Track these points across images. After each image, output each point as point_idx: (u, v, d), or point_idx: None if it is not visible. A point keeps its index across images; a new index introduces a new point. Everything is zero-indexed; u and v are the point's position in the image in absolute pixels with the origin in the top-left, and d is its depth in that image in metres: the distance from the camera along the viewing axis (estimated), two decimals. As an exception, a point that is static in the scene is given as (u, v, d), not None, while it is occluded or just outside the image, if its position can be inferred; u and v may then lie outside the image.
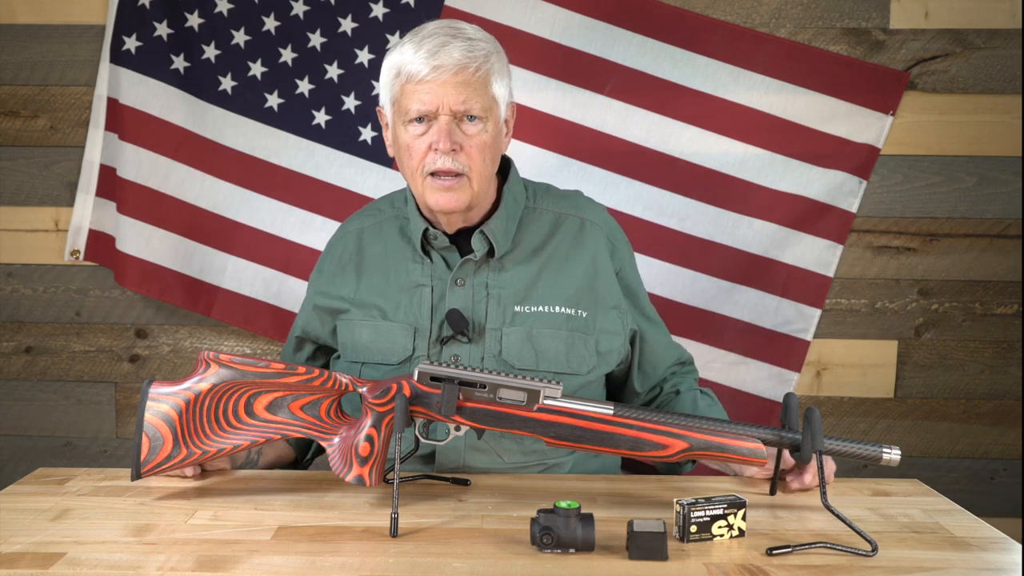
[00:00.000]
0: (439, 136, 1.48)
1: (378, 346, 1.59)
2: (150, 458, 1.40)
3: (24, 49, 2.34)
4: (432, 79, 1.47)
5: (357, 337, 1.61)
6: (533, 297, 1.58)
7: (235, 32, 2.27)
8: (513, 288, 1.58)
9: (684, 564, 1.20)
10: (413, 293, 1.59)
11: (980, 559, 1.24)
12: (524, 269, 1.60)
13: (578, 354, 1.58)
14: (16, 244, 2.40)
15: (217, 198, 2.30)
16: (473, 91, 1.49)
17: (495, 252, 1.58)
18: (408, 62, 1.49)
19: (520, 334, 1.56)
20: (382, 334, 1.59)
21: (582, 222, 1.65)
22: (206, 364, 1.40)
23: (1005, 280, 2.32)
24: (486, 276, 1.58)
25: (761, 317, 2.29)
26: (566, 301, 1.59)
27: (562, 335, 1.57)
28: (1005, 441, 2.35)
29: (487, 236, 1.57)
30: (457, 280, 1.58)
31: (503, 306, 1.57)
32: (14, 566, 1.18)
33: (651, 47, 2.25)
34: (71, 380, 2.43)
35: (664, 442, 1.36)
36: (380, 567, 1.19)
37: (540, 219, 1.64)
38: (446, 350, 1.57)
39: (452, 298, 1.57)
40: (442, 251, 1.59)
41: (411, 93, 1.49)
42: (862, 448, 1.37)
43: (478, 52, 1.50)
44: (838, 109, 2.24)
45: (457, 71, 1.48)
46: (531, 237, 1.62)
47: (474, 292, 1.58)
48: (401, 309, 1.59)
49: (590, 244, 1.63)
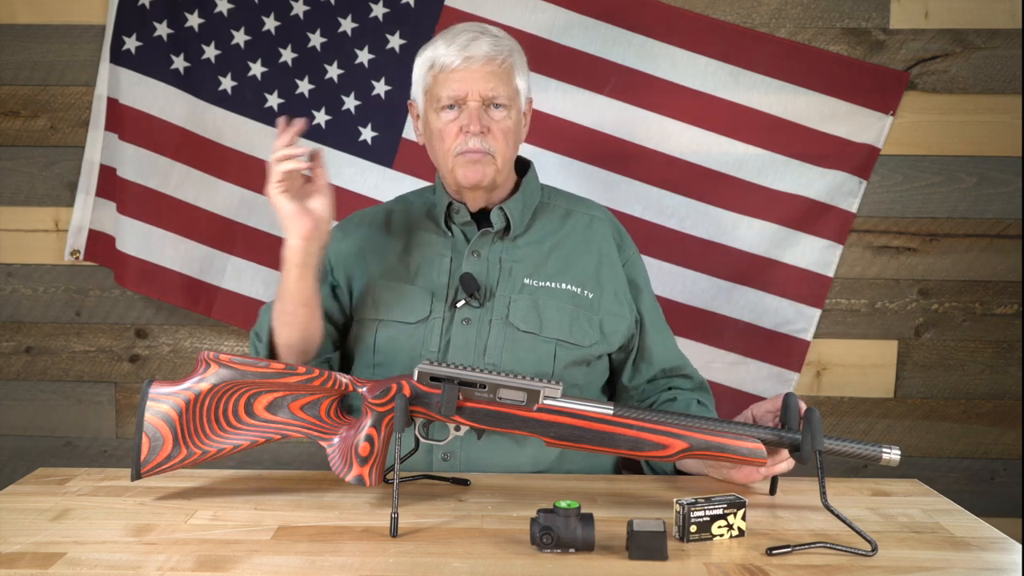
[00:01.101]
0: (470, 119, 1.62)
1: (398, 305, 1.67)
2: (150, 458, 1.40)
3: (24, 49, 2.34)
4: (463, 68, 1.61)
5: (379, 296, 1.69)
6: (542, 273, 1.69)
7: (235, 32, 2.27)
8: (524, 264, 1.69)
9: (684, 564, 1.20)
10: (433, 260, 1.70)
11: (980, 559, 1.24)
12: (535, 250, 1.71)
13: (580, 327, 1.66)
14: (16, 244, 2.40)
15: (217, 198, 2.30)
16: (499, 80, 1.63)
17: (511, 231, 1.70)
18: (441, 55, 1.63)
19: (527, 301, 1.66)
20: (402, 295, 1.68)
21: (591, 218, 1.77)
22: (206, 364, 1.41)
23: (1005, 280, 2.32)
24: (500, 250, 1.70)
25: (761, 317, 2.29)
26: (573, 281, 1.69)
27: (567, 308, 1.66)
28: (1005, 441, 2.35)
29: (505, 213, 1.69)
30: (474, 252, 1.69)
31: (514, 277, 1.68)
32: (14, 566, 1.18)
33: (651, 47, 2.25)
34: (71, 380, 2.43)
35: (664, 442, 1.36)
36: (380, 567, 1.19)
37: (552, 212, 1.77)
38: (458, 313, 1.65)
39: (468, 266, 1.68)
40: (463, 226, 1.71)
41: (444, 82, 1.63)
42: (862, 448, 1.37)
43: (503, 47, 1.65)
44: (838, 109, 2.24)
45: (486, 62, 1.62)
46: (544, 226, 1.75)
47: (488, 264, 1.69)
48: (421, 274, 1.69)
49: (598, 236, 1.75)
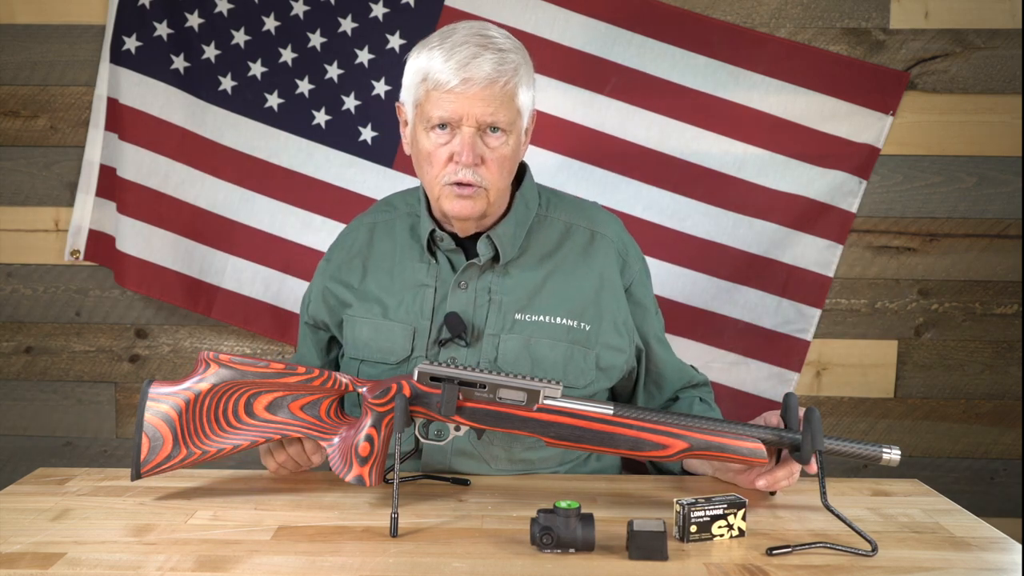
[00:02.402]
0: (462, 148, 1.47)
1: (377, 344, 1.58)
2: (150, 458, 1.40)
3: (24, 49, 2.34)
4: (460, 91, 1.45)
5: (357, 334, 1.60)
6: (535, 306, 1.57)
7: (235, 32, 2.27)
8: (515, 295, 1.57)
9: (684, 564, 1.20)
10: (416, 292, 1.59)
11: (980, 559, 1.24)
12: (529, 276, 1.58)
13: (576, 367, 1.56)
14: (16, 244, 2.40)
15: (217, 198, 2.30)
16: (499, 104, 1.46)
17: (500, 258, 1.57)
18: (437, 69, 1.46)
19: (518, 341, 1.55)
20: (382, 333, 1.58)
21: (592, 234, 1.63)
22: (206, 364, 1.41)
23: (1005, 280, 2.32)
24: (489, 281, 1.57)
25: (761, 317, 2.29)
26: (568, 312, 1.57)
27: (561, 346, 1.56)
28: (1005, 441, 2.35)
29: (493, 241, 1.56)
30: (460, 283, 1.57)
31: (503, 312, 1.56)
32: (14, 566, 1.18)
33: (651, 47, 2.25)
34: (71, 380, 2.43)
35: (664, 442, 1.36)
36: (380, 567, 1.19)
37: (550, 227, 1.63)
38: (444, 352, 1.55)
39: (454, 300, 1.56)
40: (448, 253, 1.59)
41: (436, 100, 1.47)
42: (862, 448, 1.37)
43: (508, 65, 1.47)
44: (838, 109, 2.24)
45: (486, 85, 1.45)
46: (539, 245, 1.61)
47: (476, 296, 1.57)
48: (403, 307, 1.58)
49: (599, 257, 1.62)
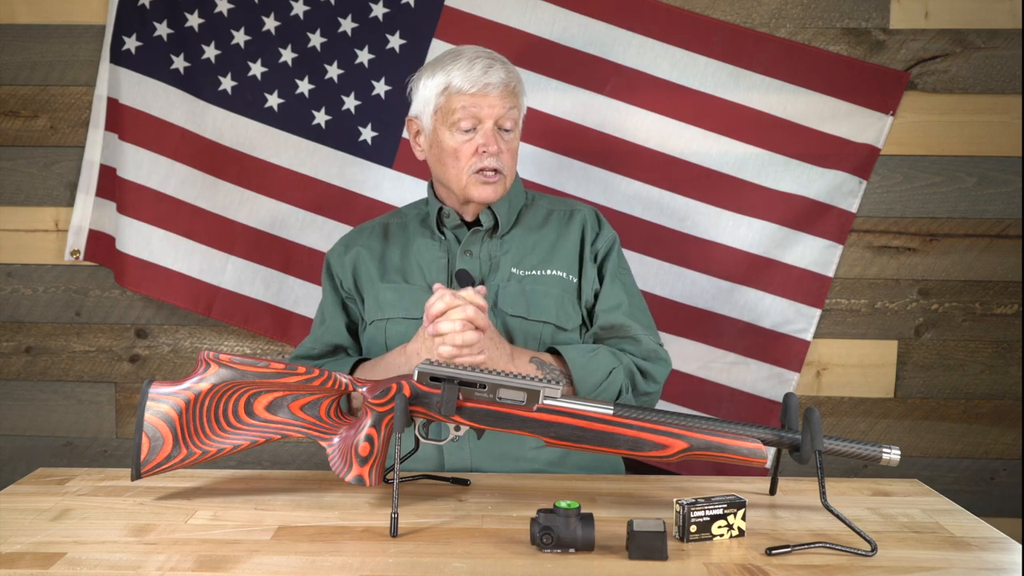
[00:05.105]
0: (487, 140, 1.75)
1: (402, 303, 1.78)
2: (150, 458, 1.40)
3: (24, 49, 2.34)
4: (484, 94, 1.75)
5: (383, 298, 1.80)
6: (528, 263, 1.81)
7: (235, 32, 2.27)
8: (511, 255, 1.82)
9: (684, 564, 1.20)
10: (431, 263, 1.82)
11: (980, 559, 1.24)
12: (521, 243, 1.83)
13: (566, 311, 1.78)
14: (16, 244, 2.40)
15: (217, 198, 2.30)
16: (512, 106, 1.78)
17: (499, 229, 1.82)
18: (460, 79, 1.75)
19: (515, 288, 1.77)
20: (404, 294, 1.79)
21: (571, 212, 1.89)
22: (206, 364, 1.41)
23: (1005, 280, 2.32)
24: (489, 247, 1.82)
25: (761, 317, 2.29)
26: (558, 266, 1.81)
27: (554, 292, 1.78)
28: (1005, 441, 2.35)
29: (493, 212, 1.81)
30: (466, 251, 1.81)
31: (502, 268, 1.81)
32: (14, 566, 1.18)
33: (651, 47, 2.25)
34: (71, 380, 2.43)
35: (664, 442, 1.36)
36: (380, 567, 1.19)
37: (536, 211, 1.90)
38: None
39: (461, 263, 1.81)
40: (454, 229, 1.83)
41: (461, 103, 1.75)
42: (862, 448, 1.37)
43: (514, 74, 1.80)
44: (838, 109, 2.24)
45: (503, 88, 1.76)
46: (529, 221, 1.87)
47: (480, 260, 1.81)
48: (420, 275, 1.81)
49: (577, 224, 1.87)
